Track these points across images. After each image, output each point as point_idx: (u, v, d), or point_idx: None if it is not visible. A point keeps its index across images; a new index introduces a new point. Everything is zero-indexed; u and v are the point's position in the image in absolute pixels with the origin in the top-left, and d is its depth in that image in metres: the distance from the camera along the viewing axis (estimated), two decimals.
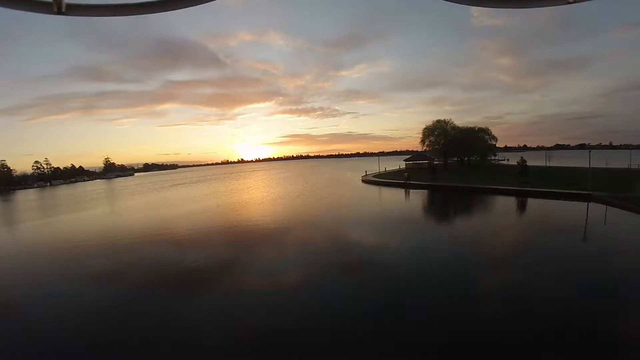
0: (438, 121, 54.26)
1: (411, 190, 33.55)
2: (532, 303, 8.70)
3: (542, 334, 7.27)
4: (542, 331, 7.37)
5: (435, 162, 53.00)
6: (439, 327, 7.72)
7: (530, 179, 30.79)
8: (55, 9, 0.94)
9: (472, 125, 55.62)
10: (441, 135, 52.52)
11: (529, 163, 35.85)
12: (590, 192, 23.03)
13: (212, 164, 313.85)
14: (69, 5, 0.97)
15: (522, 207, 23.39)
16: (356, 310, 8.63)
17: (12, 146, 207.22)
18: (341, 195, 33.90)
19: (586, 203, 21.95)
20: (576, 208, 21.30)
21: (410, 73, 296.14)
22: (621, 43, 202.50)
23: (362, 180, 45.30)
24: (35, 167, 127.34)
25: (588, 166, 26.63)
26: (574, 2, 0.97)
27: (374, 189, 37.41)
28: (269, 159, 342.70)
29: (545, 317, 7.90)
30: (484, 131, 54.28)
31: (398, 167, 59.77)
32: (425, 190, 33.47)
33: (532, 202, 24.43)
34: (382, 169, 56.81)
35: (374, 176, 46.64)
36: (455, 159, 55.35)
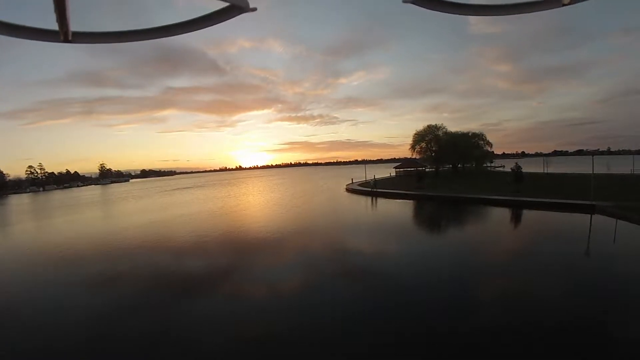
0: (429, 126, 50.55)
1: (384, 200, 30.29)
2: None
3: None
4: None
5: (426, 169, 49.67)
6: None
7: (522, 187, 27.09)
8: (62, 38, 0.95)
9: (468, 132, 52.21)
10: (432, 141, 49.04)
11: (527, 170, 32.40)
12: (594, 203, 19.54)
13: (210, 171, 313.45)
14: (75, 34, 0.97)
15: (514, 221, 19.64)
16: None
17: (11, 150, 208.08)
18: (315, 204, 31.07)
19: (589, 215, 18.46)
20: (579, 221, 17.84)
21: (409, 80, 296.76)
22: (617, 48, 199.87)
23: (346, 188, 42.16)
24: (29, 172, 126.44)
25: (591, 172, 23.14)
26: (569, 3, 0.93)
27: (353, 197, 34.23)
28: (268, 166, 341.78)
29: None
30: (478, 136, 50.73)
31: (389, 175, 56.49)
32: (399, 200, 29.93)
33: (527, 215, 20.64)
34: (370, 177, 53.39)
35: (359, 184, 43.39)
36: (449, 165, 51.78)
